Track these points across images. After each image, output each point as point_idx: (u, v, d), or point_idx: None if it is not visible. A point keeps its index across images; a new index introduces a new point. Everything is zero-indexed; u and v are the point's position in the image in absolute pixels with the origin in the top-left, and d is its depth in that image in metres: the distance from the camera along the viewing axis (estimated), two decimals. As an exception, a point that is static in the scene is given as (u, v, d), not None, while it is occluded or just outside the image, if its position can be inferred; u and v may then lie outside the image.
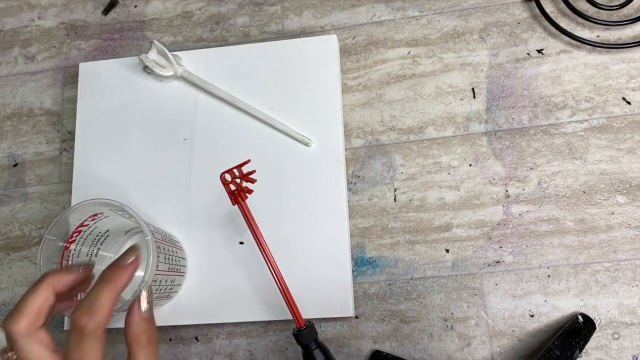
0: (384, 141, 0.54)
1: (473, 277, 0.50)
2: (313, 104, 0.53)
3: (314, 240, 0.50)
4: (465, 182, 0.52)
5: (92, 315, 0.28)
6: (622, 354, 0.47)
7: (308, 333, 0.42)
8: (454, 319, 0.49)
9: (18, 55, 0.64)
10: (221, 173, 0.41)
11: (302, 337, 0.42)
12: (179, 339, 0.52)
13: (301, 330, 0.42)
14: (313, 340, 0.42)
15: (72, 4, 0.64)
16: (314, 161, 0.52)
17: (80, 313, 0.28)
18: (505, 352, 0.48)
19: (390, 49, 0.57)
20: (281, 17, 0.60)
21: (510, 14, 0.56)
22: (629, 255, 0.49)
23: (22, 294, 0.56)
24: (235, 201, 0.41)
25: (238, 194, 0.41)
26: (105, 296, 0.29)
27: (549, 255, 0.49)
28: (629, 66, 0.53)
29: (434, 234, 0.51)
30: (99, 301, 0.29)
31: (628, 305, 0.48)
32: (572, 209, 0.50)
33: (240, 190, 0.41)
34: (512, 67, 0.54)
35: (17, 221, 0.58)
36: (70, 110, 0.60)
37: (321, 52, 0.54)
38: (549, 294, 0.49)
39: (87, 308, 0.28)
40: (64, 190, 0.58)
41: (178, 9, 0.62)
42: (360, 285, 0.51)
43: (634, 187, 0.50)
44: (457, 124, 0.54)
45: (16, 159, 0.60)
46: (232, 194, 0.41)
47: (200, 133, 0.54)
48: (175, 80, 0.56)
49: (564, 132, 0.52)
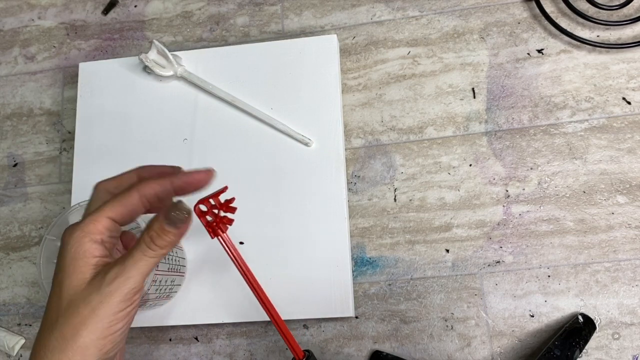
0: (384, 141, 0.54)
1: (473, 277, 0.50)
2: (313, 104, 0.53)
3: (314, 240, 0.50)
4: (466, 182, 0.52)
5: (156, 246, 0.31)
6: (622, 354, 0.47)
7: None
8: (454, 319, 0.49)
9: (18, 55, 0.64)
10: (195, 204, 0.35)
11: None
12: (179, 339, 0.52)
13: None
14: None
15: (72, 4, 0.64)
16: (314, 161, 0.52)
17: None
18: (505, 352, 0.48)
19: (390, 49, 0.57)
20: (281, 17, 0.60)
21: (511, 14, 0.56)
22: (629, 255, 0.49)
23: (22, 294, 0.56)
24: (214, 234, 0.37)
25: (217, 225, 0.36)
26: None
27: (549, 255, 0.49)
28: (629, 66, 0.52)
29: (434, 234, 0.51)
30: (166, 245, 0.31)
31: (628, 305, 0.48)
32: (572, 209, 0.50)
33: (219, 221, 0.36)
34: (512, 67, 0.54)
35: (17, 221, 0.58)
36: (70, 110, 0.60)
37: (321, 52, 0.54)
38: (549, 294, 0.49)
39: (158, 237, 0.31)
40: (63, 190, 0.58)
41: (178, 9, 0.62)
42: (360, 285, 0.51)
43: (634, 187, 0.50)
44: (457, 124, 0.54)
45: (16, 159, 0.60)
46: (209, 226, 0.36)
47: (200, 133, 0.54)
48: (175, 80, 0.56)
49: (564, 132, 0.52)
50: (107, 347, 0.29)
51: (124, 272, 0.30)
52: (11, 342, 0.54)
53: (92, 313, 0.29)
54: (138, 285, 0.30)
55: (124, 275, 0.29)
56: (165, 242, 0.31)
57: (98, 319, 0.29)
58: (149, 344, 0.53)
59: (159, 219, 0.31)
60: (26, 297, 0.56)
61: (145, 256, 0.30)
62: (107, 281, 0.29)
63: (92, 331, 0.29)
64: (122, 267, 0.30)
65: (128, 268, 0.30)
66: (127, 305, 0.30)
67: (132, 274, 0.30)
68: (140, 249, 0.30)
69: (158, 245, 0.30)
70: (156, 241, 0.30)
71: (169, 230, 0.30)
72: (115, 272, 0.29)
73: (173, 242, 0.31)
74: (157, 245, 0.30)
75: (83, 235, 0.30)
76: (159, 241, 0.30)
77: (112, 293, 0.29)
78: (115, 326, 0.29)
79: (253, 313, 0.50)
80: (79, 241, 0.30)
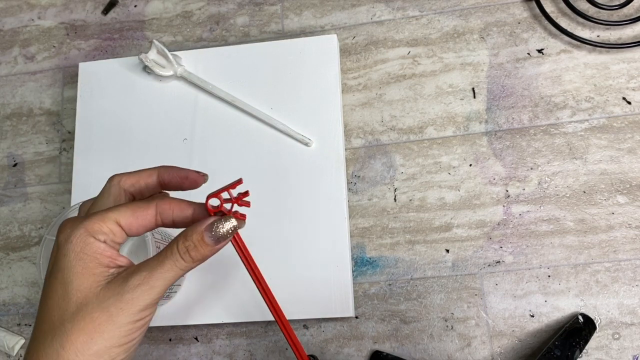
0: (384, 141, 0.54)
1: (473, 277, 0.50)
2: (313, 104, 0.53)
3: (314, 240, 0.50)
4: (466, 182, 0.52)
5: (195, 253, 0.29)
6: (623, 354, 0.47)
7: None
8: (454, 319, 0.49)
9: (18, 55, 0.64)
10: (207, 196, 0.31)
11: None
12: (178, 339, 0.52)
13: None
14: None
15: (71, 4, 0.64)
16: (314, 161, 0.52)
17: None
18: (505, 353, 0.48)
19: (391, 49, 0.56)
20: (281, 16, 0.60)
21: (511, 14, 0.56)
22: (629, 256, 0.49)
23: (21, 294, 0.56)
24: None
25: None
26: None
27: (549, 255, 0.49)
28: (629, 66, 0.52)
29: (434, 234, 0.51)
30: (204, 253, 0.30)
31: (628, 305, 0.48)
32: (572, 209, 0.50)
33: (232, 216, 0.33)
34: (512, 67, 0.54)
35: (16, 221, 0.58)
36: (70, 110, 0.60)
37: (321, 52, 0.54)
38: (549, 294, 0.49)
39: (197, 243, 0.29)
40: (63, 190, 0.58)
41: (178, 9, 0.62)
42: (360, 285, 0.51)
43: (634, 187, 0.50)
44: (457, 123, 0.54)
45: (16, 159, 0.60)
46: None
47: (200, 133, 0.54)
48: (175, 80, 0.56)
49: (564, 132, 0.52)
50: (120, 357, 0.28)
51: (150, 280, 0.28)
52: (11, 342, 0.54)
53: (110, 320, 0.27)
54: (161, 295, 0.28)
55: (149, 283, 0.28)
56: (201, 255, 0.29)
57: (115, 326, 0.27)
58: (149, 344, 0.53)
59: (200, 231, 0.29)
60: (26, 297, 0.56)
61: (176, 267, 0.28)
62: (129, 287, 0.27)
63: (108, 339, 0.27)
64: (148, 275, 0.28)
65: (155, 277, 0.28)
66: (147, 314, 0.28)
67: (158, 283, 0.28)
68: (172, 258, 0.28)
69: (192, 257, 0.29)
70: (192, 253, 0.29)
71: (208, 244, 0.29)
72: (139, 279, 0.27)
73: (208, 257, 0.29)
74: (191, 258, 0.29)
75: (87, 233, 0.28)
76: (195, 254, 0.29)
77: (133, 301, 0.27)
78: (132, 335, 0.28)
79: (253, 313, 0.50)
80: (84, 240, 0.27)
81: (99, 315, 0.27)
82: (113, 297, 0.27)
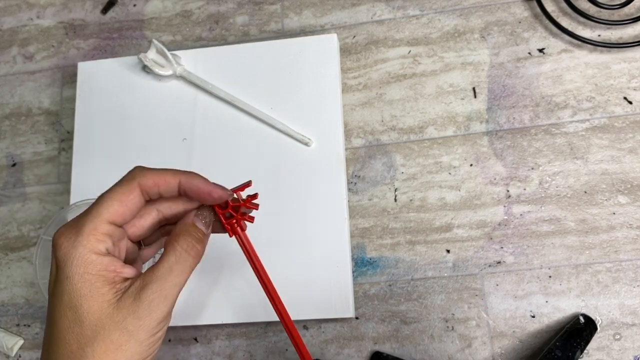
0: (385, 141, 0.54)
1: (474, 277, 0.50)
2: (313, 103, 0.53)
3: (314, 241, 0.50)
4: (466, 182, 0.52)
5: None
6: (624, 355, 0.47)
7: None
8: (455, 320, 0.49)
9: (16, 54, 0.63)
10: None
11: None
12: (178, 340, 0.52)
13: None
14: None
15: (70, 3, 0.64)
16: (314, 161, 0.52)
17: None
18: (506, 353, 0.48)
19: (391, 48, 0.56)
20: (281, 16, 0.60)
21: (512, 13, 0.55)
22: (630, 256, 0.48)
23: (20, 295, 0.56)
24: (233, 232, 0.34)
25: (237, 222, 0.34)
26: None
27: (550, 255, 0.49)
28: (630, 65, 0.52)
29: (434, 234, 0.51)
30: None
31: (629, 305, 0.48)
32: (573, 209, 0.50)
33: (240, 218, 0.34)
34: (513, 66, 0.54)
35: (15, 221, 0.58)
36: (69, 109, 0.60)
37: (321, 51, 0.54)
38: (550, 295, 0.49)
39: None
40: (62, 190, 0.58)
41: (177, 8, 0.62)
42: (361, 285, 0.51)
43: (635, 187, 0.50)
44: (458, 123, 0.53)
45: (15, 159, 0.60)
46: (228, 223, 0.33)
47: (199, 133, 0.54)
48: (174, 79, 0.56)
49: (565, 131, 0.52)
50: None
51: (162, 290, 0.27)
52: (10, 342, 0.54)
53: (130, 338, 0.27)
54: (175, 300, 0.28)
55: (162, 294, 0.27)
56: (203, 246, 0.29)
57: (137, 343, 0.27)
58: (148, 345, 0.52)
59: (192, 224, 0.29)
60: (25, 297, 0.56)
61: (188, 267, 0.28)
62: (143, 303, 0.27)
63: (130, 356, 0.27)
64: (159, 286, 0.27)
65: (168, 286, 0.28)
66: (165, 324, 0.28)
67: (172, 292, 0.28)
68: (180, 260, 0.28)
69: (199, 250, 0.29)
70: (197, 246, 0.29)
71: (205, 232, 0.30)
72: (151, 292, 0.27)
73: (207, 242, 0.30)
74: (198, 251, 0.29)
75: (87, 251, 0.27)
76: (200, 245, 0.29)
77: (150, 315, 0.27)
78: (153, 347, 0.28)
79: (253, 313, 0.49)
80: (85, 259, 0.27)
81: (118, 336, 0.26)
82: (129, 315, 0.27)
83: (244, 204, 0.33)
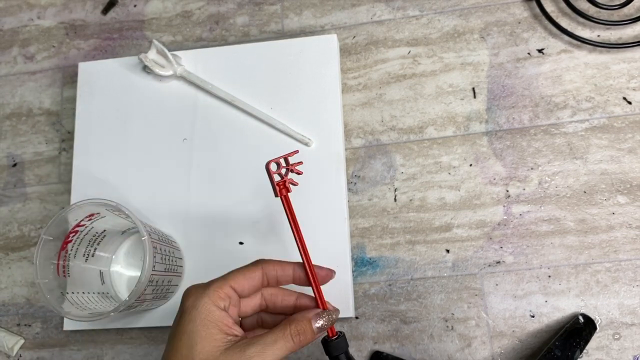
0: (384, 141, 0.54)
1: (473, 277, 0.50)
2: (313, 103, 0.53)
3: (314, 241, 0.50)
4: (466, 182, 0.52)
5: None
6: (623, 355, 0.47)
7: (339, 344, 0.37)
8: (455, 320, 0.49)
9: (17, 54, 0.64)
10: (267, 161, 0.38)
11: (332, 349, 0.38)
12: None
13: (332, 340, 0.37)
14: (343, 353, 0.38)
15: (71, 4, 0.64)
16: (314, 161, 0.52)
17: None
18: (505, 353, 0.48)
19: (391, 49, 0.56)
20: (281, 16, 0.60)
21: (511, 14, 0.55)
22: (629, 256, 0.49)
23: (21, 295, 0.56)
24: (280, 193, 0.39)
25: (283, 185, 0.39)
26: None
27: (550, 255, 0.49)
28: (629, 66, 0.52)
29: (434, 234, 0.51)
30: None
31: (629, 305, 0.48)
32: (572, 209, 0.50)
33: (285, 181, 0.39)
34: (512, 66, 0.54)
35: (16, 221, 0.58)
36: (70, 110, 0.60)
37: (321, 51, 0.54)
38: (549, 295, 0.49)
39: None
40: (63, 190, 0.58)
41: (177, 9, 0.62)
42: (361, 285, 0.51)
43: (634, 187, 0.50)
44: (457, 123, 0.53)
45: (15, 159, 0.60)
46: (277, 185, 0.38)
47: (199, 133, 0.54)
48: (174, 80, 0.56)
49: (564, 132, 0.52)
50: None
51: (263, 354, 0.32)
52: (10, 342, 0.54)
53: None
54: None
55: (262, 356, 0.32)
56: (306, 341, 0.34)
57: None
58: (149, 344, 0.53)
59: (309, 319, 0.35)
60: (25, 297, 0.56)
61: (286, 347, 0.33)
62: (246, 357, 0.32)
63: None
64: (262, 349, 0.32)
65: (268, 352, 0.32)
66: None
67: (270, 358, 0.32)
68: (284, 339, 0.33)
69: (300, 341, 0.34)
70: (301, 337, 0.34)
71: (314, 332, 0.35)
72: (255, 351, 0.32)
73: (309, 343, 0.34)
74: (300, 341, 0.34)
75: (211, 302, 0.33)
76: (303, 338, 0.34)
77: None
78: None
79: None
80: (208, 308, 0.33)
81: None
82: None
83: (291, 168, 0.39)
